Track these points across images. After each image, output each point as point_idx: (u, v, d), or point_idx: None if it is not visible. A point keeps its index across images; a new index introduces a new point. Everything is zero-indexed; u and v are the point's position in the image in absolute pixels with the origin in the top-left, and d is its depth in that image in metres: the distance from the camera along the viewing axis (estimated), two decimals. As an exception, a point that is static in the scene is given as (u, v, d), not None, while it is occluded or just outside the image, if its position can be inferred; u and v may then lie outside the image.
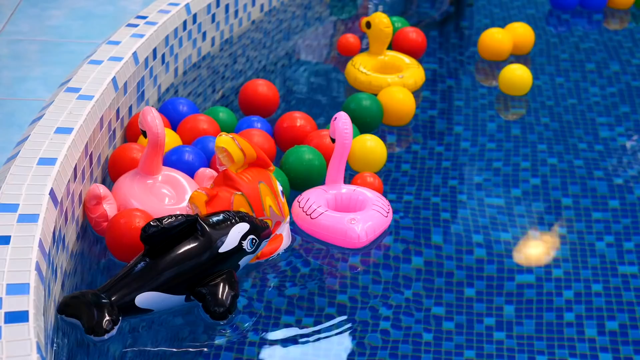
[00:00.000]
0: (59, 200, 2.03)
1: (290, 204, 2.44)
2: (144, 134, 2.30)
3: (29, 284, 1.72)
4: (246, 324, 2.07)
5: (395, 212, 2.50)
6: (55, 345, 1.89)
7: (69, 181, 2.12)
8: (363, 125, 2.82)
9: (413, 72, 3.15)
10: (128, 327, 2.02)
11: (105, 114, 2.43)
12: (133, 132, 2.61)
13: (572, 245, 2.40)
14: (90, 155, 2.31)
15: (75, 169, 2.17)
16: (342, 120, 2.40)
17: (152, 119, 2.26)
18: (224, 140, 2.17)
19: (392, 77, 3.11)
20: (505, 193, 2.64)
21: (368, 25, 3.16)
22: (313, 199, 2.39)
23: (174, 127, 2.68)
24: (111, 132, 2.50)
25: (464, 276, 2.28)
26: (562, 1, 3.85)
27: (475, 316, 2.15)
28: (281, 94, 3.10)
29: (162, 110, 2.74)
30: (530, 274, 2.30)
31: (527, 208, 2.57)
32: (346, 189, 2.46)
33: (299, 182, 2.51)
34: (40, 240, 1.85)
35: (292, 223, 2.40)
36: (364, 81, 3.11)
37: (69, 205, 2.13)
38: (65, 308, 1.94)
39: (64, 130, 2.21)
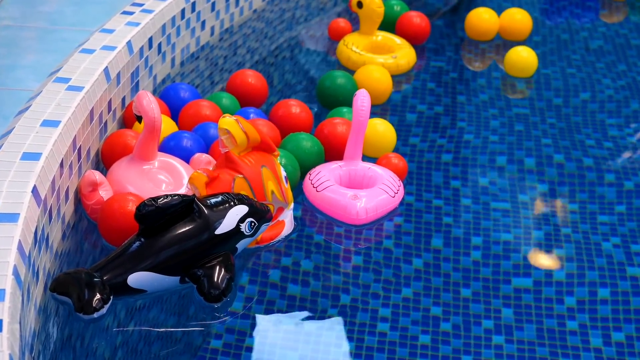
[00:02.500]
0: (43, 198, 1.94)
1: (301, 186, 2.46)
2: (139, 119, 2.26)
3: (4, 289, 1.64)
4: (244, 324, 2.02)
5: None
6: (35, 351, 1.81)
7: (54, 177, 2.03)
8: (337, 102, 2.83)
9: (405, 53, 3.17)
10: (117, 329, 1.96)
11: (96, 106, 2.35)
12: (131, 119, 2.54)
13: (578, 247, 2.36)
14: (79, 150, 2.23)
15: (61, 164, 2.09)
16: (360, 98, 2.41)
17: (148, 103, 2.21)
18: (227, 122, 2.14)
19: (386, 57, 3.13)
20: (513, 194, 2.58)
21: (359, 5, 3.16)
22: (324, 172, 2.43)
23: (175, 113, 2.64)
24: (102, 124, 2.41)
25: (469, 285, 2.21)
26: None
27: (484, 332, 2.08)
28: (280, 85, 3.08)
29: (163, 95, 2.69)
30: (547, 280, 2.23)
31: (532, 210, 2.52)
32: (361, 166, 2.47)
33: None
34: (19, 241, 1.76)
35: (301, 195, 2.43)
36: (357, 61, 3.11)
37: (54, 203, 2.04)
38: (56, 285, 1.93)
39: (50, 123, 2.13)
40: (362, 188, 2.43)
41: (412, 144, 2.78)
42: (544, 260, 2.31)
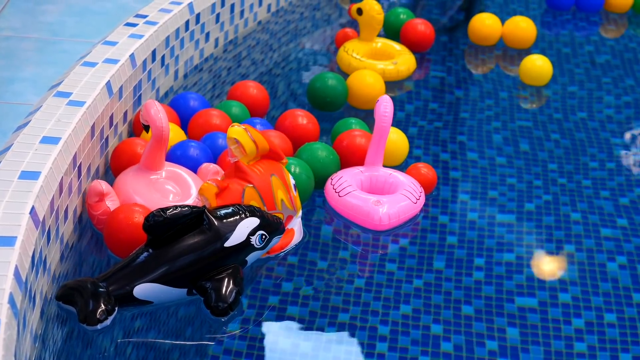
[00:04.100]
0: (41, 220, 1.87)
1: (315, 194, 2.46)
2: (146, 128, 2.24)
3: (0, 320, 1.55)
4: (241, 345, 1.97)
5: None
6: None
7: (53, 197, 1.97)
8: (325, 103, 2.88)
9: (405, 59, 3.20)
10: (115, 353, 1.91)
11: (98, 121, 2.29)
12: (140, 128, 2.52)
13: (582, 268, 2.31)
14: (79, 167, 2.16)
15: (61, 183, 2.02)
16: (383, 104, 2.42)
17: (156, 112, 2.18)
18: (236, 131, 2.12)
19: (386, 63, 3.16)
20: (518, 207, 2.52)
21: (359, 12, 3.17)
22: (345, 177, 2.43)
23: (184, 123, 2.62)
24: (103, 140, 2.35)
25: (466, 298, 2.15)
26: (557, 2, 3.91)
27: (488, 355, 2.00)
28: (284, 97, 3.05)
29: (172, 105, 2.67)
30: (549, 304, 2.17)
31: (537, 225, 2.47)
32: (382, 171, 2.48)
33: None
34: (16, 266, 1.69)
35: (322, 200, 2.44)
36: (357, 67, 3.12)
37: (52, 223, 1.98)
38: (62, 294, 1.92)
39: (50, 140, 2.07)
40: (383, 194, 2.44)
41: (416, 156, 2.75)
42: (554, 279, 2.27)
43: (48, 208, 1.93)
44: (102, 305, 1.87)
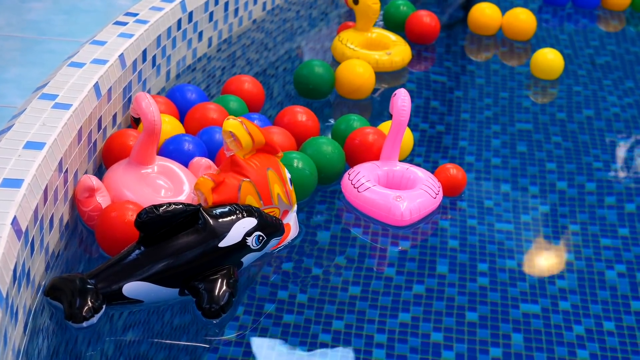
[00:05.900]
0: (24, 230, 1.79)
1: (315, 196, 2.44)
2: (136, 121, 2.19)
3: (-24, 342, 1.47)
4: (237, 351, 1.93)
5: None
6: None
7: (37, 206, 1.89)
8: (307, 90, 2.91)
9: (400, 50, 3.20)
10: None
11: (85, 125, 2.22)
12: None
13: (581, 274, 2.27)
14: (66, 173, 2.09)
15: (45, 190, 1.95)
16: (401, 97, 2.42)
17: (147, 105, 2.14)
18: (232, 125, 2.09)
19: (380, 53, 3.16)
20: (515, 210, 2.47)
21: (355, 1, 3.18)
22: (363, 173, 2.43)
23: (181, 116, 2.60)
24: (91, 144, 2.28)
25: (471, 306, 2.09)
26: None
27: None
28: (280, 97, 3.03)
29: (168, 97, 2.63)
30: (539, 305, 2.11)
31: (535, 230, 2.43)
32: (399, 166, 2.49)
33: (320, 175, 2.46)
34: (-5, 283, 1.59)
35: (339, 196, 2.44)
36: (351, 57, 3.11)
37: (36, 234, 1.90)
38: (50, 290, 1.90)
39: (34, 145, 2.00)
40: (400, 188, 2.45)
41: (416, 163, 2.68)
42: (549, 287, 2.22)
43: (31, 217, 1.85)
44: (89, 303, 1.84)
